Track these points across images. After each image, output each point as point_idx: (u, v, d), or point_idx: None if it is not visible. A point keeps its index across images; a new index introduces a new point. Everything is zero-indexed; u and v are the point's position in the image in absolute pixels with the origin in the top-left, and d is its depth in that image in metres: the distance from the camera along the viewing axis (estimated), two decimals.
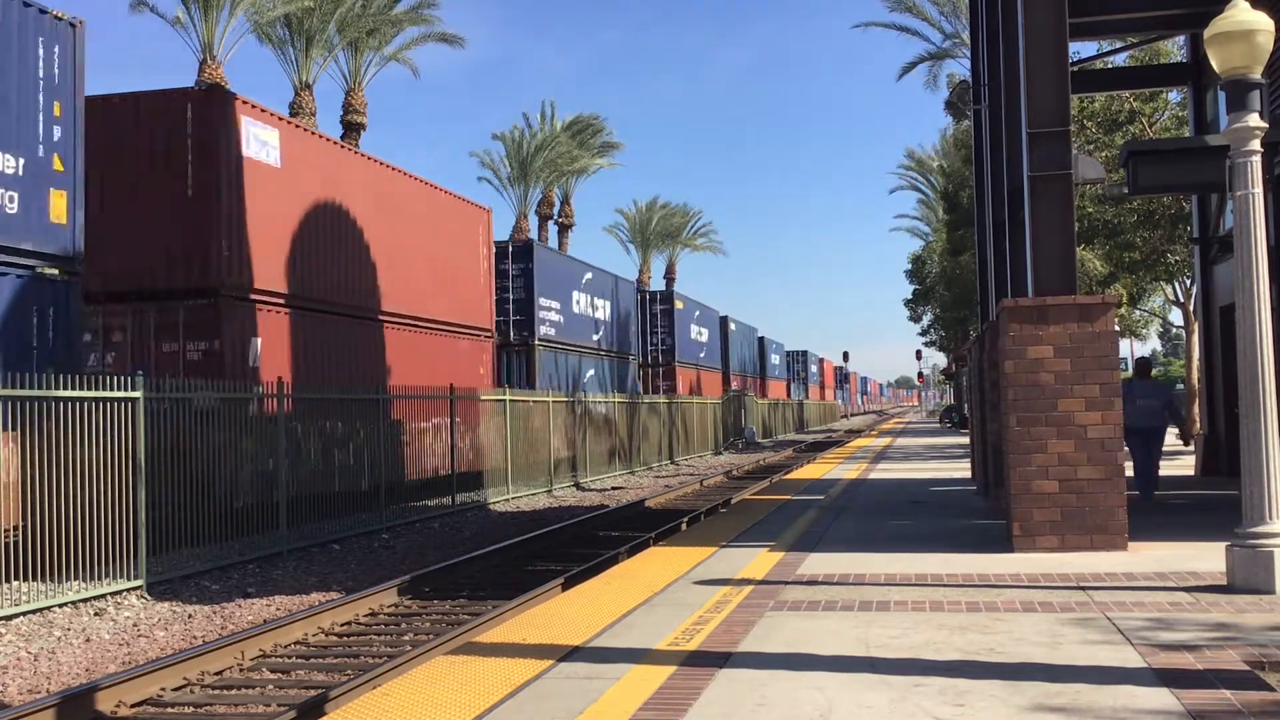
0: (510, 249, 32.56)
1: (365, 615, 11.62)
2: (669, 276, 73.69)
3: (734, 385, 62.46)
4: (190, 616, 11.91)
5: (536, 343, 32.16)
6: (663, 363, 50.72)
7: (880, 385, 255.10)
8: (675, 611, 7.19)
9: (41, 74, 13.55)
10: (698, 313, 56.59)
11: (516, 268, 32.27)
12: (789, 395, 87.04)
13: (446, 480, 22.13)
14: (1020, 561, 8.78)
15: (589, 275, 38.09)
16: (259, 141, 18.49)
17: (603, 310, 38.99)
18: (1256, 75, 7.36)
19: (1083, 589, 7.51)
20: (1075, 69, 16.62)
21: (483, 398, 24.15)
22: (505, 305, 31.70)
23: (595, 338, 37.89)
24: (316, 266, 20.08)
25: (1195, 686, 4.97)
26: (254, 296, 18.31)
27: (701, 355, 56.45)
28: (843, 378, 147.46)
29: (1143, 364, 14.44)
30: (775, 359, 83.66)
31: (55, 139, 13.68)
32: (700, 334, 56.38)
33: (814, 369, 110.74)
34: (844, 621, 6.68)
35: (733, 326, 65.33)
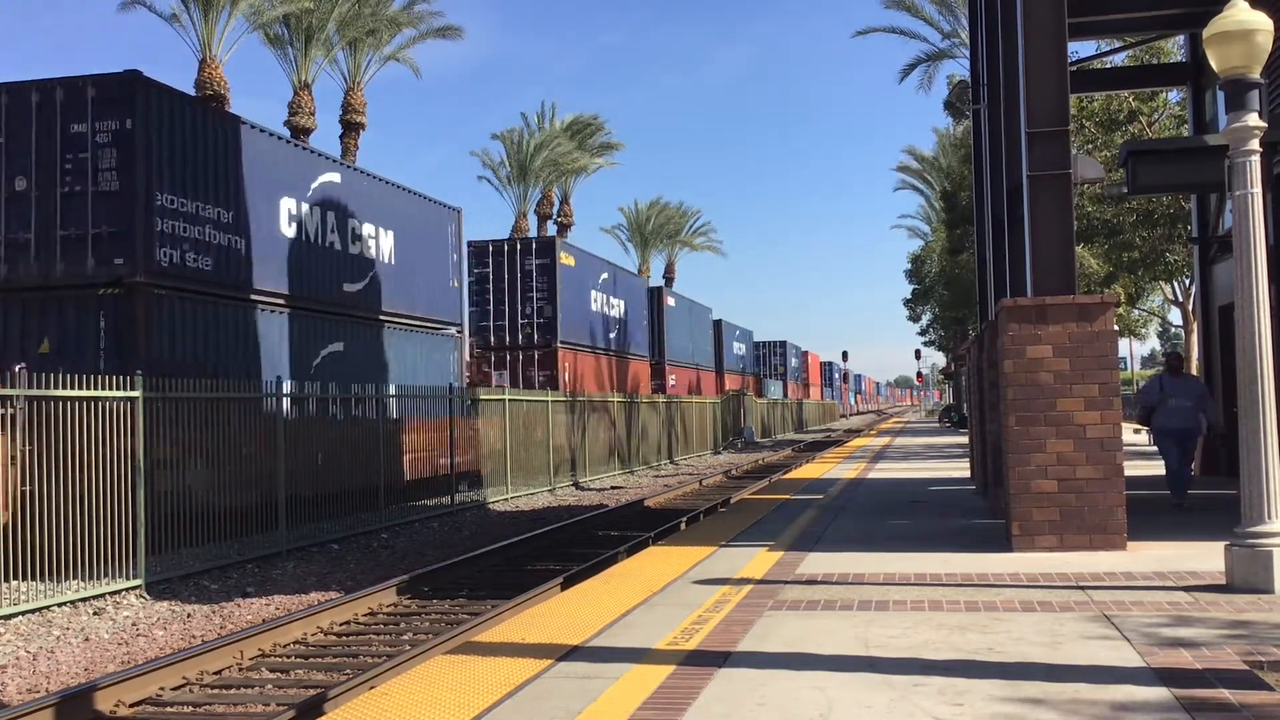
0: (89, 89, 15.80)
1: (364, 615, 11.62)
2: (668, 275, 73.69)
3: (672, 379, 49.03)
4: (189, 616, 11.91)
5: (147, 282, 15.67)
6: (539, 344, 34.94)
7: (876, 384, 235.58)
8: (674, 611, 7.19)
9: None
10: (604, 276, 40.09)
11: (103, 129, 15.72)
12: (759, 394, 71.19)
13: None
14: (1019, 561, 8.78)
15: (332, 177, 21.06)
16: None
17: (373, 244, 22.42)
18: (1255, 75, 7.36)
19: (1082, 588, 7.51)
20: (1074, 69, 16.62)
21: (483, 397, 24.15)
22: (78, 203, 15.61)
23: (352, 289, 21.52)
24: None
25: (1194, 686, 4.97)
26: None
27: (613, 336, 40.78)
28: (832, 374, 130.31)
29: (1174, 359, 13.30)
30: (739, 348, 68.47)
31: None
32: (611, 306, 40.69)
33: (794, 362, 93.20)
34: (843, 621, 6.68)
35: (671, 302, 49.67)
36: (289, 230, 19.51)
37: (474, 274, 35.17)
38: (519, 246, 35.88)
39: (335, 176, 21.31)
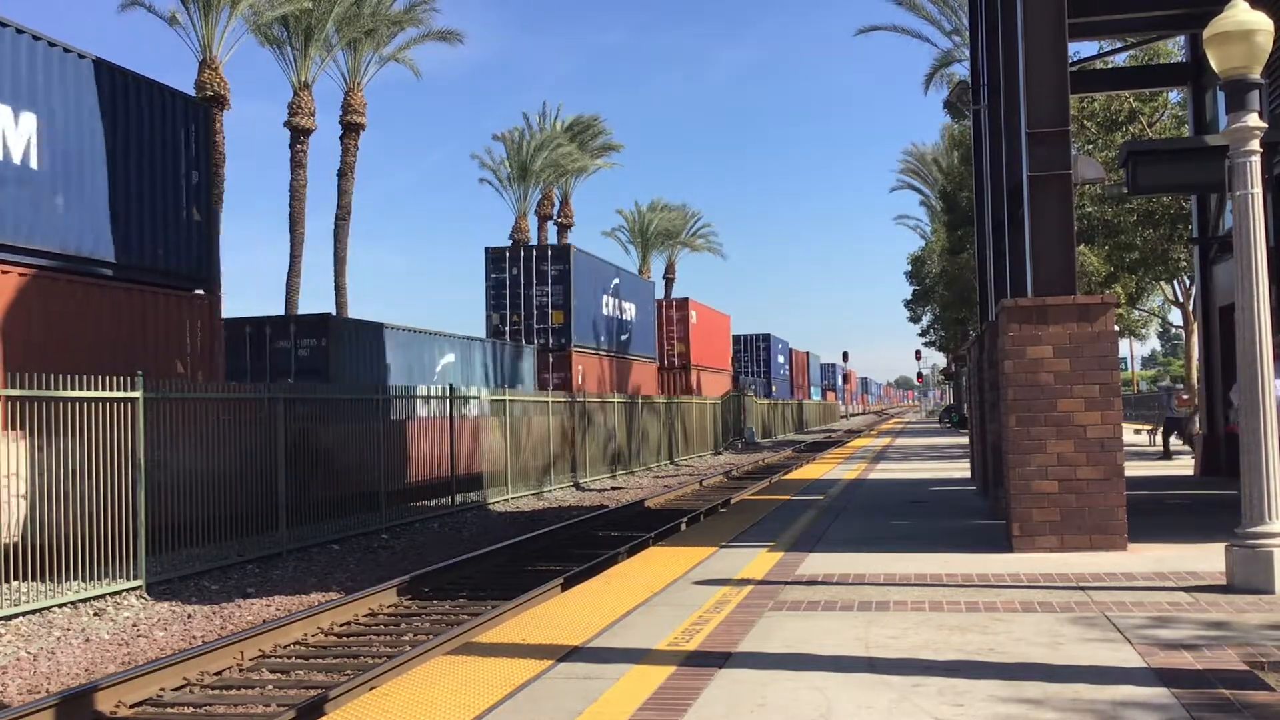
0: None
1: (365, 615, 11.62)
2: (669, 276, 73.69)
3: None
4: (190, 617, 11.91)
5: None
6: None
7: (864, 380, 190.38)
8: (675, 611, 7.19)
9: None
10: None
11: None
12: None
13: None
14: (1020, 561, 8.78)
15: None
16: None
17: None
18: (1256, 75, 7.36)
19: (1082, 589, 7.51)
20: (1075, 69, 16.62)
21: (483, 398, 24.16)
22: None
23: None
24: None
25: (1194, 686, 4.97)
26: None
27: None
28: (770, 354, 79.25)
29: None
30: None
31: None
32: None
33: (633, 312, 46.71)
34: (844, 621, 6.68)
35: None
36: None
37: None
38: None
39: None
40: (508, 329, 35.71)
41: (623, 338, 41.37)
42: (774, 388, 76.86)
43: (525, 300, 36.58)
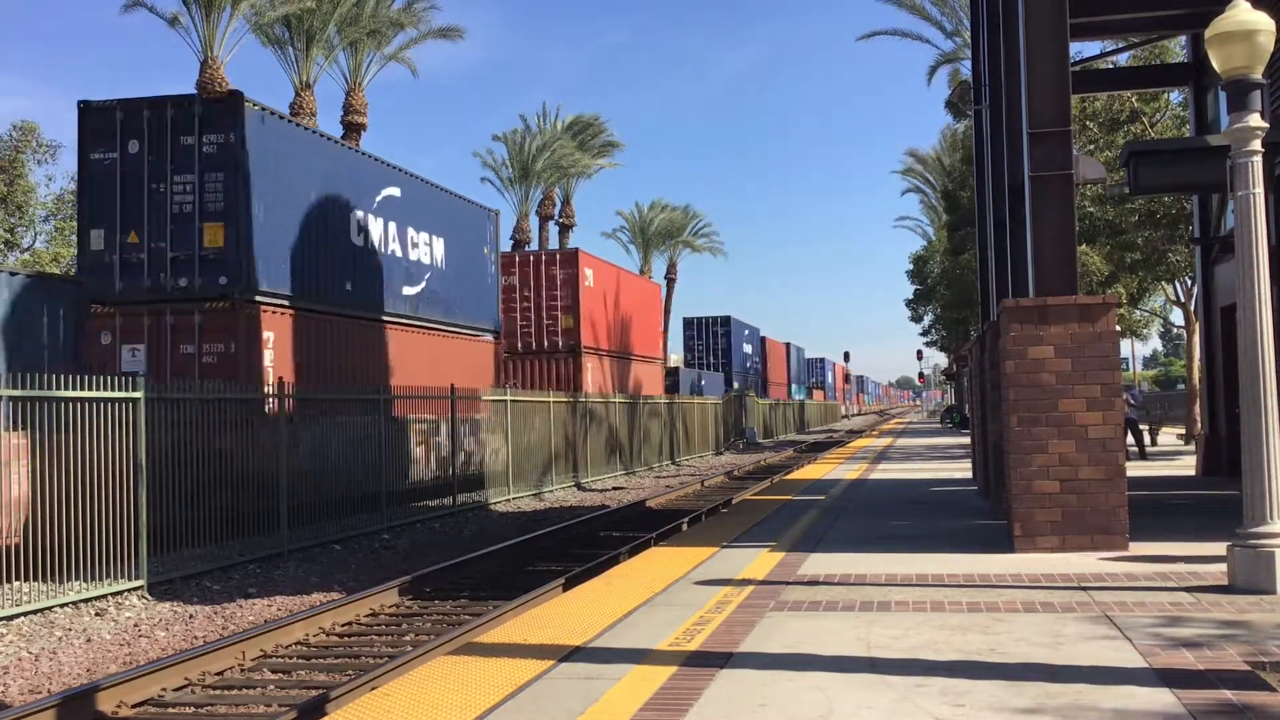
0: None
1: (366, 615, 11.62)
2: (670, 276, 73.59)
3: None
4: (191, 617, 11.91)
5: None
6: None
7: (858, 377, 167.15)
8: (676, 612, 7.19)
9: None
10: None
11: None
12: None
13: None
14: (1021, 562, 8.78)
15: None
16: None
17: None
18: (1257, 75, 7.36)
19: (1083, 589, 7.51)
20: (1076, 68, 16.61)
21: (484, 398, 24.16)
22: None
23: None
24: None
25: (1196, 686, 4.97)
26: None
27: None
28: (728, 345, 65.65)
29: None
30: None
31: None
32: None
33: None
34: (845, 622, 6.68)
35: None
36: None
37: None
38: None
39: None
40: (118, 258, 18.26)
41: (407, 292, 23.78)
42: (734, 384, 60.88)
43: (154, 204, 18.28)
